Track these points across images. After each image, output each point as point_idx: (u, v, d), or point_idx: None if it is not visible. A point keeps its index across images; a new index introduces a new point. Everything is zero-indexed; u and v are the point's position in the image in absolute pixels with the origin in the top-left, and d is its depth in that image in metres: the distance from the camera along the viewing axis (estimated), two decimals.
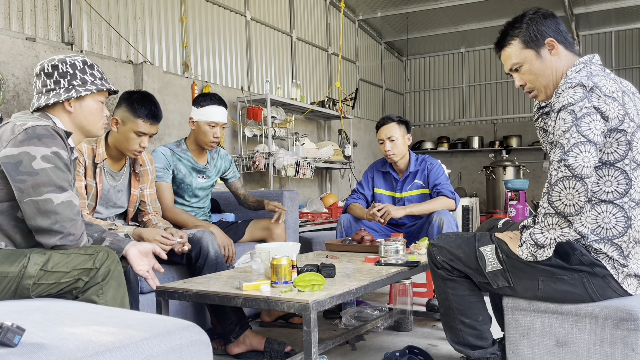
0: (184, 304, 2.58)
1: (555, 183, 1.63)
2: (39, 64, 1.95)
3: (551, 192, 1.64)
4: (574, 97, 1.69)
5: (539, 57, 1.89)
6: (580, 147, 1.62)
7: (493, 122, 9.83)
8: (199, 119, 3.03)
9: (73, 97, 1.91)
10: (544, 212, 1.69)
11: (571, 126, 1.65)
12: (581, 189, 1.60)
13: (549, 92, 1.91)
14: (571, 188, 1.60)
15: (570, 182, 1.60)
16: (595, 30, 9.15)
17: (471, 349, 2.00)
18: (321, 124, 7.10)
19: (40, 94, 1.92)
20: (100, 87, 1.97)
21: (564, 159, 1.62)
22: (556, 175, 1.63)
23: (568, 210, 1.64)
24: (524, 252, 1.78)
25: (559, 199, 1.63)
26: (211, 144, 3.04)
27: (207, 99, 3.05)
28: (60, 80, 1.91)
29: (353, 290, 1.98)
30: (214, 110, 3.02)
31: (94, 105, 1.98)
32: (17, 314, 1.46)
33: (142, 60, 4.43)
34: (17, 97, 3.51)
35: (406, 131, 3.45)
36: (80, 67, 1.95)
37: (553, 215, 1.67)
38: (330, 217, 5.86)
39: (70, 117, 1.94)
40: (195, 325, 1.43)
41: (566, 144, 1.64)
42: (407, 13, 8.02)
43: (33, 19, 3.71)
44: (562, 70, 1.88)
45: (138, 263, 1.96)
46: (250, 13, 5.85)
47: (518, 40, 1.91)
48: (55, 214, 1.74)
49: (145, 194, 2.75)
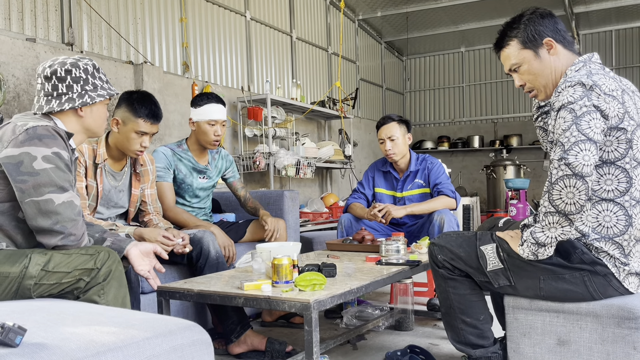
0: (185, 304, 2.58)
1: (555, 182, 1.63)
2: (48, 65, 1.90)
3: (552, 190, 1.64)
4: (573, 95, 1.69)
5: (537, 57, 1.89)
6: (581, 145, 1.62)
7: (493, 121, 9.83)
8: (198, 119, 3.03)
9: (88, 104, 1.92)
10: (545, 210, 1.69)
11: (571, 124, 1.65)
12: (582, 187, 1.60)
13: (549, 92, 1.91)
14: (572, 187, 1.61)
15: (570, 180, 1.60)
16: (596, 29, 9.15)
17: (472, 348, 2.00)
18: (321, 123, 7.10)
19: (49, 97, 1.90)
20: (110, 93, 1.98)
21: (564, 157, 1.62)
22: (556, 174, 1.63)
23: (569, 209, 1.64)
24: (525, 251, 1.78)
25: (560, 197, 1.63)
26: (213, 142, 3.05)
27: (204, 98, 3.06)
28: (73, 85, 1.90)
29: (354, 290, 1.98)
30: (212, 109, 3.02)
31: (103, 109, 2.00)
32: (19, 314, 1.46)
33: (143, 60, 4.43)
34: (18, 98, 3.52)
35: (406, 130, 3.45)
36: (91, 71, 1.94)
37: (554, 214, 1.67)
38: (330, 216, 5.86)
39: (78, 121, 1.95)
40: (197, 325, 1.43)
41: (566, 143, 1.64)
42: (407, 12, 8.02)
43: (33, 19, 3.72)
44: (561, 69, 1.88)
45: (139, 263, 1.96)
46: (250, 13, 5.85)
47: (516, 41, 1.91)
48: (56, 214, 1.74)
49: (146, 194, 2.75)
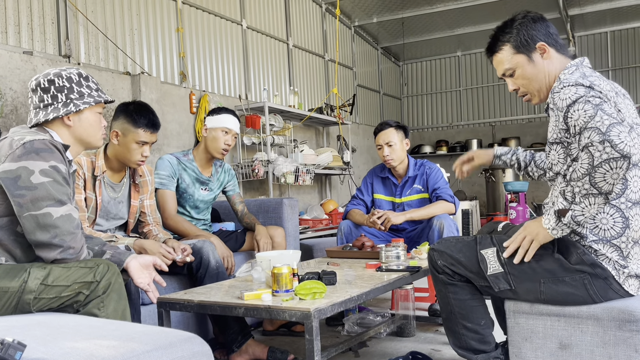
0: (186, 315, 2.57)
1: (599, 164, 1.58)
2: (34, 78, 1.94)
3: (594, 173, 1.60)
4: (578, 92, 1.68)
5: (531, 61, 1.89)
6: (617, 127, 1.58)
7: (491, 124, 9.85)
8: (213, 125, 3.12)
9: (72, 112, 1.91)
10: (585, 192, 1.64)
11: (596, 111, 1.62)
12: (625, 167, 1.57)
13: (543, 96, 1.92)
14: (617, 167, 1.57)
15: (618, 162, 1.57)
16: (591, 31, 9.18)
17: (474, 353, 2.00)
18: (319, 130, 7.10)
19: (37, 109, 1.92)
20: (97, 99, 1.98)
21: (607, 139, 1.57)
22: (600, 157, 1.58)
23: (609, 189, 1.61)
24: (563, 230, 1.73)
25: (604, 179, 1.60)
26: (222, 150, 3.12)
27: (222, 110, 3.21)
28: (57, 94, 1.91)
29: (354, 297, 1.98)
30: (228, 119, 3.14)
31: (93, 117, 1.99)
32: (19, 330, 1.46)
33: (140, 71, 4.44)
34: (16, 111, 3.52)
35: (404, 136, 3.46)
36: (76, 80, 1.95)
37: (596, 196, 1.63)
38: (330, 223, 5.85)
39: (69, 131, 1.95)
40: (197, 336, 1.43)
41: (601, 126, 1.59)
42: (402, 18, 8.05)
43: (30, 32, 3.73)
44: (554, 73, 1.88)
45: (139, 276, 1.95)
46: (246, 22, 5.87)
47: (509, 46, 1.91)
48: (55, 227, 1.74)
49: (145, 204, 2.75)
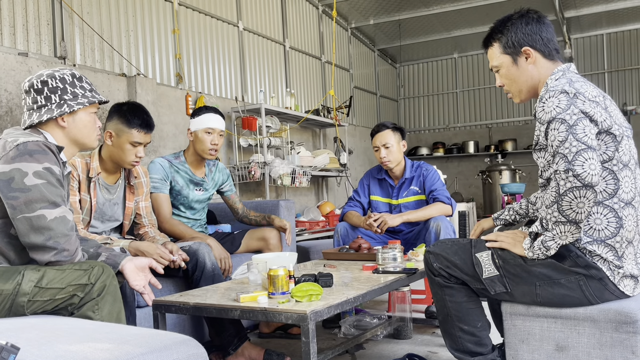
0: (182, 317, 2.56)
1: (564, 193, 1.64)
2: (27, 79, 1.93)
3: (561, 202, 1.66)
4: (559, 105, 1.71)
5: (514, 64, 1.92)
6: (584, 154, 1.63)
7: (488, 126, 9.86)
8: (196, 128, 3.08)
9: (66, 113, 1.90)
10: (555, 220, 1.70)
11: (567, 135, 1.67)
12: (591, 196, 1.63)
13: (523, 97, 1.97)
14: (582, 197, 1.63)
15: (581, 191, 1.62)
16: (587, 33, 9.21)
17: (471, 355, 1.99)
18: (316, 132, 7.10)
19: (31, 110, 1.91)
20: (91, 100, 1.97)
21: (570, 168, 1.63)
22: (564, 186, 1.64)
23: (579, 217, 1.66)
24: (533, 253, 1.80)
25: (570, 207, 1.65)
26: (210, 151, 3.07)
27: (202, 110, 3.14)
28: (51, 96, 1.90)
29: (351, 300, 1.97)
30: (209, 118, 3.09)
31: (87, 118, 1.98)
32: (12, 332, 1.45)
33: (136, 72, 4.43)
34: (10, 113, 3.51)
35: (401, 138, 3.45)
36: (69, 80, 1.94)
37: (565, 224, 1.68)
38: (327, 225, 5.84)
39: (64, 132, 1.94)
40: (192, 339, 1.42)
41: (568, 154, 1.65)
42: (399, 20, 8.06)
43: (25, 34, 3.71)
44: (539, 78, 1.91)
45: (134, 278, 1.94)
46: (242, 23, 5.86)
47: (498, 44, 1.95)
48: (49, 230, 1.73)
49: (141, 206, 2.74)
